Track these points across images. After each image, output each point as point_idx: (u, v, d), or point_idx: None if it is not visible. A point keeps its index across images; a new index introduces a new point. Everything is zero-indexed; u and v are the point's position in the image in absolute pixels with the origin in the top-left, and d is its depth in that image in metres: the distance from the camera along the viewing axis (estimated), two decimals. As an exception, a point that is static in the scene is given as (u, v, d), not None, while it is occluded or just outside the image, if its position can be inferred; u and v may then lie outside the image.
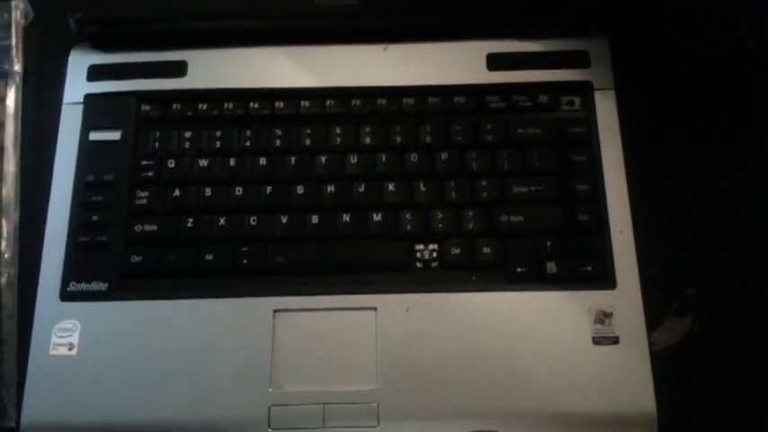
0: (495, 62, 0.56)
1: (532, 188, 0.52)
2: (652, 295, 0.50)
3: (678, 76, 0.58)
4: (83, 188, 0.53)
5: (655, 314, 0.50)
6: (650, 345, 0.49)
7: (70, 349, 0.48)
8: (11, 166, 0.55)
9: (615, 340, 0.49)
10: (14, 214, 0.54)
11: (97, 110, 0.55)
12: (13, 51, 0.58)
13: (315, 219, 0.52)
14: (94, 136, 0.54)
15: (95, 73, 0.56)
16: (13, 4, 0.59)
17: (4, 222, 0.54)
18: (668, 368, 0.49)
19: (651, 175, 0.54)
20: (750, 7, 0.58)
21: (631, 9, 0.58)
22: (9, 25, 0.59)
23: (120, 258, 0.51)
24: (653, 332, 0.50)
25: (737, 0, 0.58)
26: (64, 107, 0.55)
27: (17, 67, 0.58)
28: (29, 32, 0.60)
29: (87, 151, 0.54)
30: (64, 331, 0.49)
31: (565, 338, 0.49)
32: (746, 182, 0.55)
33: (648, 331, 0.49)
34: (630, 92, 0.55)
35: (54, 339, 0.49)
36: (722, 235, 0.54)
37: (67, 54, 0.57)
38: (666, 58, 0.58)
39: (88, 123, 0.55)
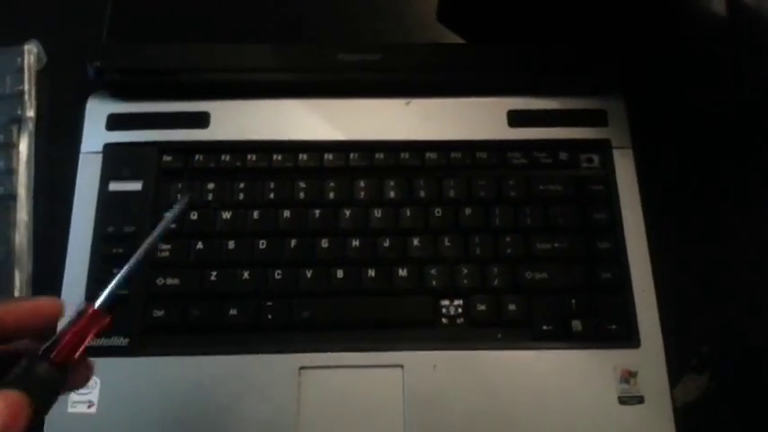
0: (515, 119, 0.56)
1: (556, 245, 0.53)
2: (671, 352, 0.51)
3: (692, 133, 0.58)
4: (102, 240, 0.52)
5: (674, 371, 0.51)
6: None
7: (90, 407, 0.47)
8: (23, 213, 0.53)
9: (640, 400, 0.49)
10: (28, 265, 0.52)
11: (117, 160, 0.54)
12: (26, 97, 0.57)
13: (340, 273, 0.51)
14: (114, 186, 0.53)
15: (115, 122, 0.55)
16: (26, 48, 0.58)
17: (17, 273, 0.52)
18: (687, 425, 0.49)
19: (668, 231, 0.55)
20: (753, 64, 0.59)
21: (644, 69, 0.59)
22: (22, 70, 0.58)
23: (142, 313, 0.50)
24: (672, 389, 0.50)
25: (740, 57, 0.59)
26: (82, 156, 0.54)
27: (30, 113, 0.57)
28: (42, 78, 0.59)
29: (107, 202, 0.53)
30: (83, 388, 0.47)
31: (591, 398, 0.49)
32: (764, 237, 0.56)
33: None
34: (647, 150, 0.56)
35: (73, 396, 0.47)
36: (738, 291, 0.54)
37: (84, 101, 0.56)
38: (680, 116, 0.59)
39: (108, 173, 0.54)
